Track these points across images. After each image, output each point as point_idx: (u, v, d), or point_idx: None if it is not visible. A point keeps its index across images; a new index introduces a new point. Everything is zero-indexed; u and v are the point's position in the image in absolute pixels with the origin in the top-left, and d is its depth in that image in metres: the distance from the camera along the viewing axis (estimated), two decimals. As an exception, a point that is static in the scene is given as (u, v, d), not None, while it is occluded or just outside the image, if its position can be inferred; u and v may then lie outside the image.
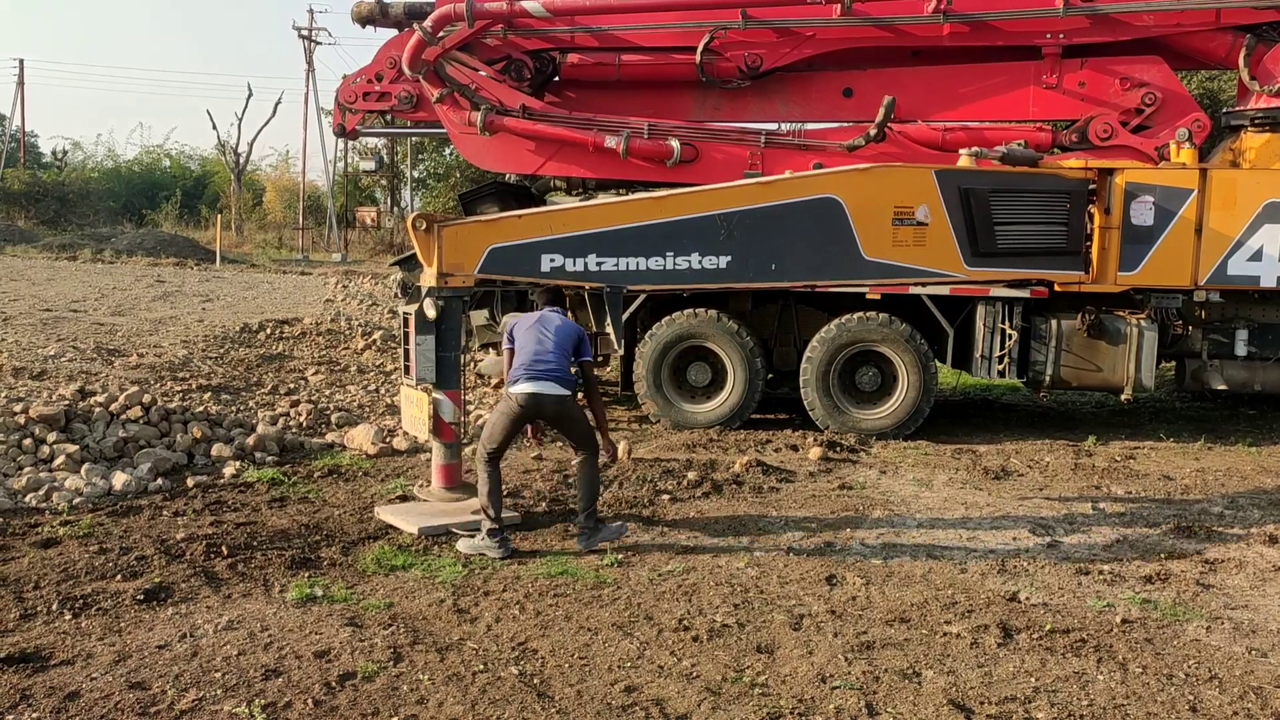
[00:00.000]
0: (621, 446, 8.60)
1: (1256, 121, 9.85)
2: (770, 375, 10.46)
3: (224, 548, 5.92)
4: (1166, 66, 10.04)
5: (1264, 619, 5.25)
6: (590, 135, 10.49)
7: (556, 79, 11.04)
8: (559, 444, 9.16)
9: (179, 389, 10.16)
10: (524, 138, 10.69)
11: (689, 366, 10.14)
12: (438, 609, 5.21)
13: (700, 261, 7.60)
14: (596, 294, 7.51)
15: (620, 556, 6.08)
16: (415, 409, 6.79)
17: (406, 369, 6.79)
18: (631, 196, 9.15)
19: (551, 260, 7.04)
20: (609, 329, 7.40)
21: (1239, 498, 7.60)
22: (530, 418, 6.40)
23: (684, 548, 6.31)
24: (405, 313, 6.78)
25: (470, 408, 10.28)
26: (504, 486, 6.45)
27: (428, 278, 6.72)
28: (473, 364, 12.14)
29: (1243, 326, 9.58)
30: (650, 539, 6.48)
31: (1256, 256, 8.98)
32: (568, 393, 6.31)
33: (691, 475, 7.85)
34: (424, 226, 6.64)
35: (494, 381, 11.60)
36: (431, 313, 6.56)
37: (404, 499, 7.16)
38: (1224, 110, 10.74)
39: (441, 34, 10.36)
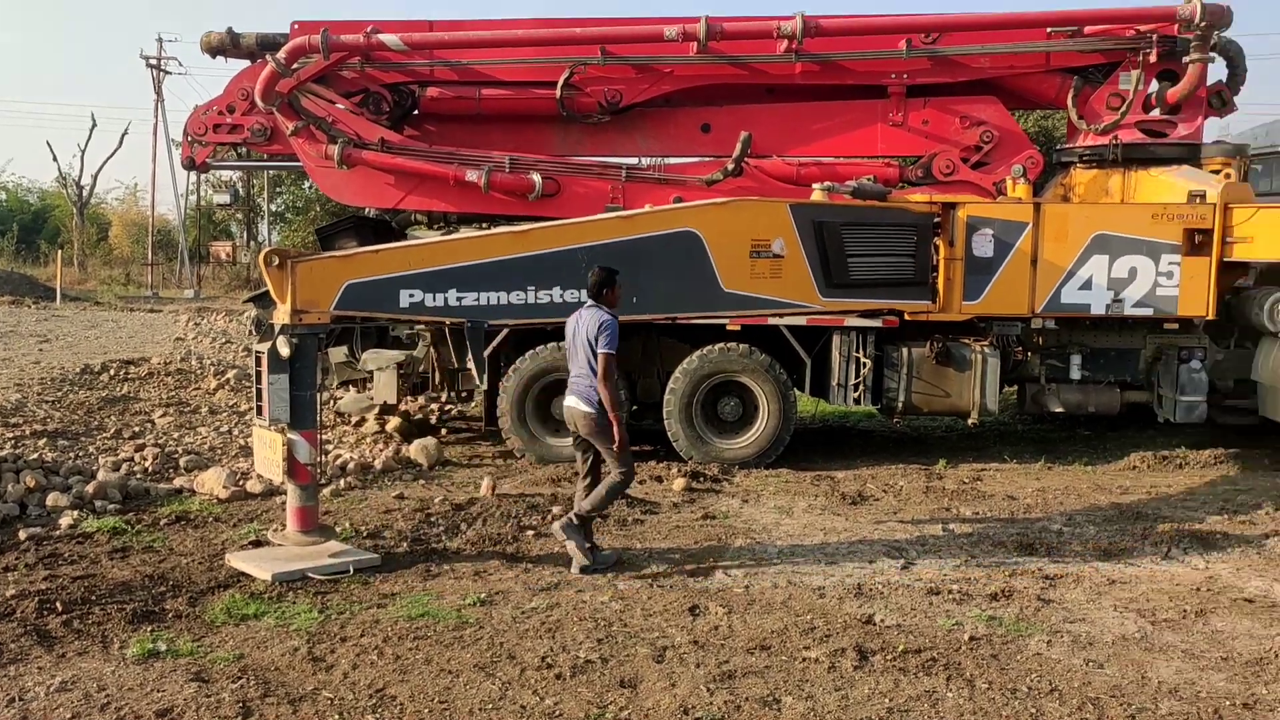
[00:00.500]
0: (485, 483, 8.54)
1: (1084, 158, 10.48)
2: (634, 407, 10.53)
3: (58, 603, 5.60)
4: (1002, 106, 10.59)
5: (1100, 631, 5.52)
6: (451, 169, 10.43)
7: (416, 112, 10.96)
8: (420, 482, 9.03)
9: (10, 435, 9.60)
10: (383, 171, 10.56)
11: (553, 400, 10.11)
12: (291, 658, 5.04)
13: (562, 295, 7.62)
14: (458, 329, 7.45)
15: (484, 595, 6.00)
16: (269, 450, 6.57)
17: (259, 409, 6.58)
18: (492, 231, 9.12)
19: (411, 296, 6.95)
20: (470, 364, 7.35)
21: (1076, 515, 7.99)
22: (573, 426, 6.77)
23: (548, 584, 6.27)
24: (258, 351, 6.58)
25: (329, 447, 10.03)
26: (365, 527, 6.32)
27: (281, 315, 6.54)
28: (332, 402, 11.86)
29: (1076, 352, 10.10)
30: (514, 576, 6.41)
31: (1087, 285, 9.50)
32: (593, 410, 6.55)
33: (556, 509, 7.81)
34: (277, 262, 6.46)
35: (354, 419, 11.35)
36: (285, 351, 6.38)
37: (258, 544, 6.91)
38: (1056, 148, 11.39)
39: (296, 65, 10.17)
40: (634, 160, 11.08)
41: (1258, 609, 5.88)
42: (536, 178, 10.41)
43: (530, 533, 7.34)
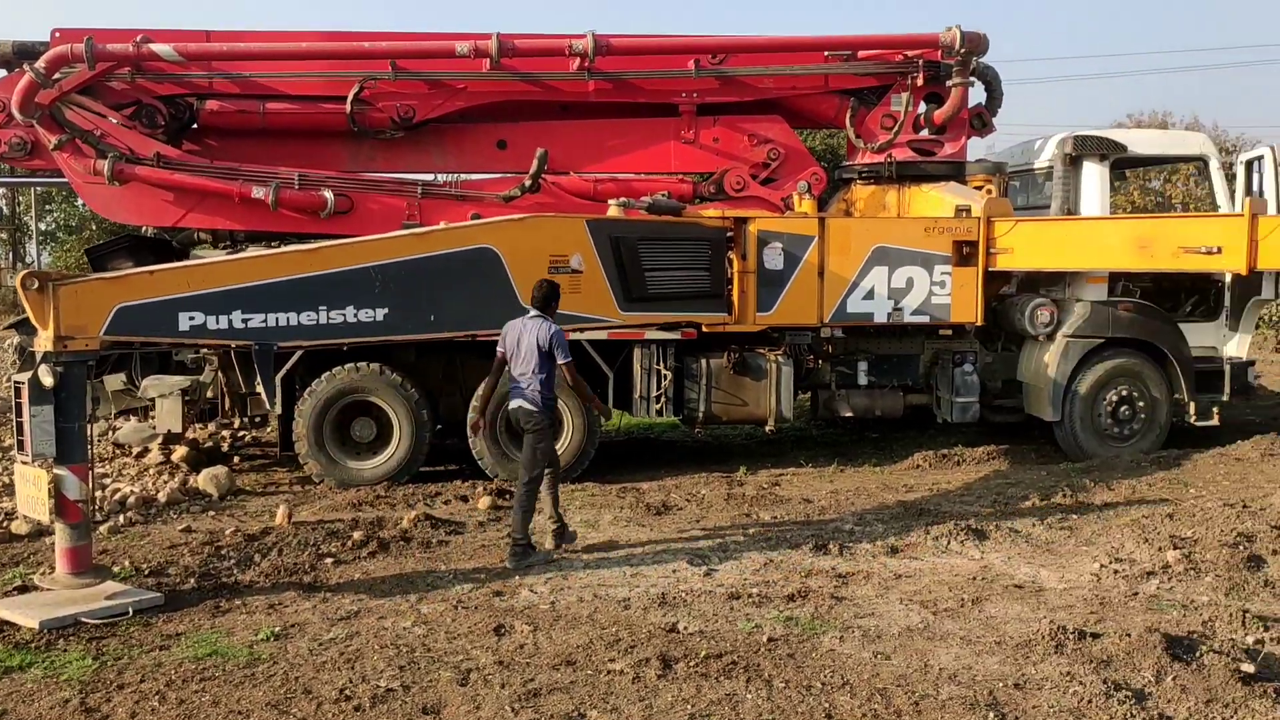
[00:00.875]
0: (281, 511, 8.20)
1: (863, 175, 11.06)
2: (438, 426, 10.37)
3: None
4: (787, 125, 11.04)
5: (888, 624, 5.81)
6: (235, 185, 9.99)
7: (195, 126, 10.44)
8: (210, 513, 8.59)
9: None
10: (160, 188, 10.00)
11: (353, 422, 9.83)
12: (61, 711, 4.68)
13: (356, 315, 7.44)
14: (246, 352, 7.13)
15: (278, 629, 5.75)
16: (33, 488, 6.10)
17: (20, 444, 6.09)
18: (279, 249, 8.78)
19: (191, 319, 6.62)
20: (260, 389, 7.06)
21: (866, 514, 8.39)
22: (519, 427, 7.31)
23: (348, 612, 6.07)
24: (18, 381, 6.10)
25: (107, 481, 9.41)
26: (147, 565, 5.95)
27: (43, 342, 6.08)
28: (110, 433, 11.12)
29: (863, 359, 10.64)
30: (311, 606, 6.17)
31: (869, 295, 10.03)
32: (536, 409, 7.14)
33: (357, 535, 7.58)
34: (36, 285, 6.01)
35: (136, 450, 10.67)
36: (48, 380, 5.94)
37: (24, 589, 6.39)
38: (839, 165, 11.97)
39: (58, 76, 9.51)
40: (430, 177, 10.90)
41: (1026, 594, 6.33)
42: (328, 194, 10.10)
43: (329, 560, 7.10)
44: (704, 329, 9.97)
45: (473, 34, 10.12)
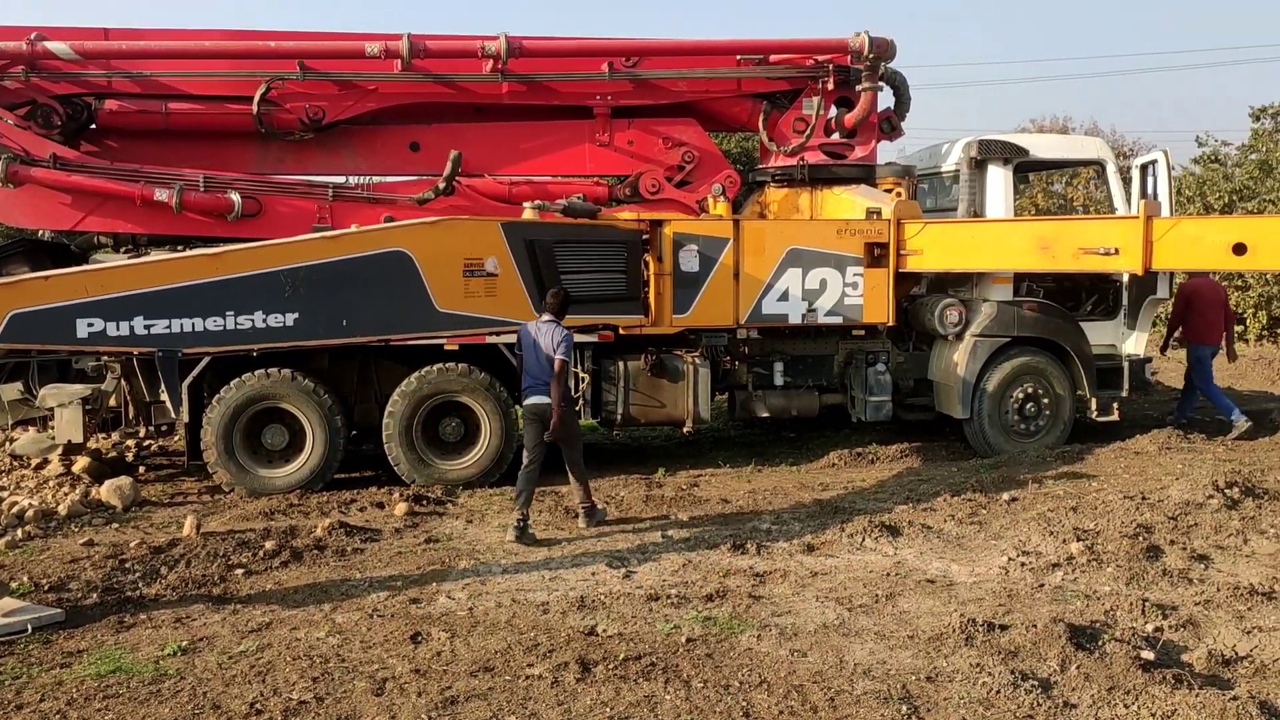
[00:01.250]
0: (189, 522, 7.99)
1: (776, 178, 11.20)
2: (353, 432, 10.20)
3: None
4: (700, 128, 11.11)
5: (804, 622, 5.88)
6: (137, 188, 9.70)
7: (94, 126, 10.12)
8: (114, 526, 8.33)
9: None
10: (57, 190, 9.67)
11: (264, 429, 9.61)
12: (-46, 736, 4.49)
13: (265, 320, 7.32)
14: (149, 359, 6.93)
15: (185, 643, 5.60)
16: (-78, 504, 5.83)
17: (-93, 458, 5.83)
18: (183, 253, 8.56)
19: (90, 325, 6.45)
20: (164, 396, 6.87)
21: (784, 513, 8.49)
22: (532, 420, 7.89)
23: (259, 624, 5.94)
24: (-98, 393, 5.84)
25: (4, 494, 9.06)
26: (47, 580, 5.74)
27: (-70, 351, 5.84)
28: (6, 444, 10.70)
29: (779, 359, 10.75)
30: (220, 619, 6.02)
31: (784, 297, 10.14)
32: (563, 404, 7.74)
33: (269, 545, 7.42)
34: (-77, 293, 5.76)
35: (34, 462, 10.29)
36: (-62, 391, 5.69)
37: (-87, 610, 6.10)
38: (753, 168, 12.09)
39: (-53, 74, 9.13)
40: (342, 179, 10.73)
41: (938, 588, 6.46)
42: (235, 197, 9.86)
43: (240, 571, 6.93)
44: (621, 331, 9.97)
45: (383, 34, 10.00)
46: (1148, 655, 5.15)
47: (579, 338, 9.95)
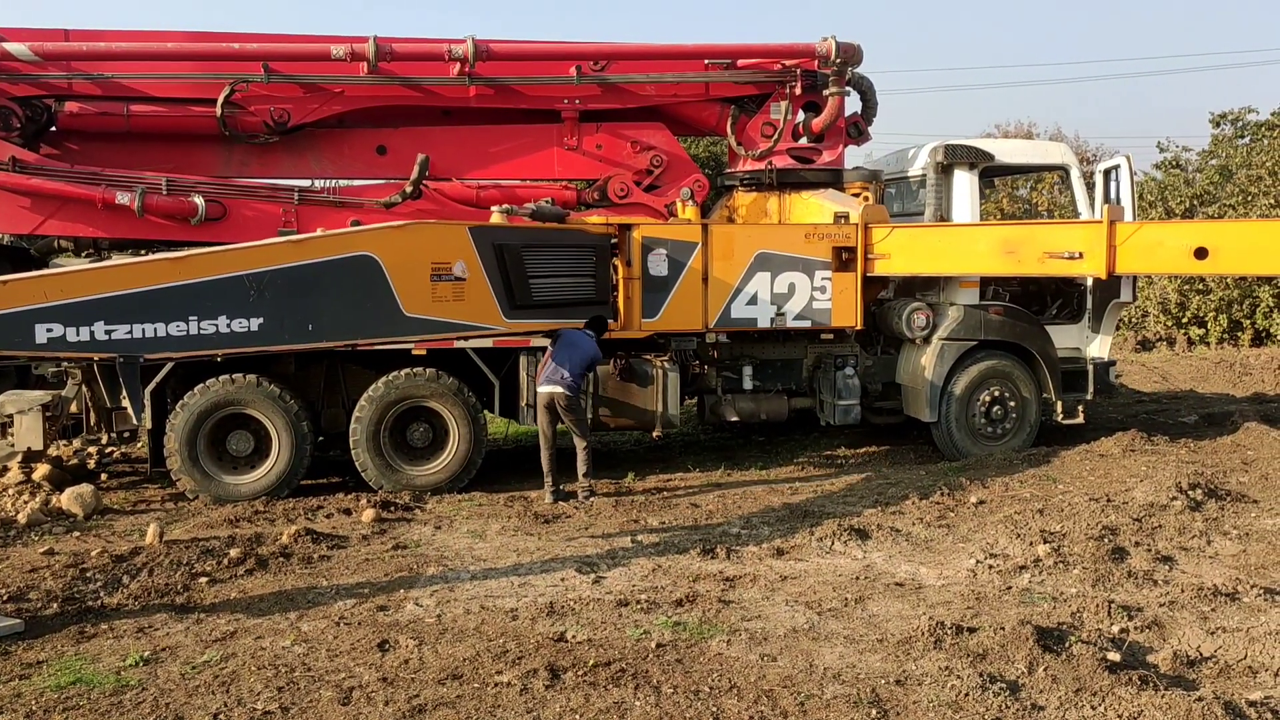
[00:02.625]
0: (152, 530, 7.88)
1: (745, 182, 11.21)
2: (320, 438, 10.11)
3: None
4: (669, 132, 11.10)
5: (774, 626, 5.88)
6: (99, 191, 9.57)
7: (55, 129, 9.97)
8: (75, 534, 8.20)
9: None
10: (16, 194, 9.53)
11: (229, 436, 9.51)
12: (-92, 751, 4.39)
13: (229, 325, 7.20)
14: (110, 365, 6.81)
15: (148, 653, 5.51)
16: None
17: None
18: (145, 257, 8.45)
19: (49, 330, 6.31)
20: (126, 402, 6.76)
21: (753, 517, 8.49)
22: (546, 407, 9.10)
23: (224, 633, 5.86)
24: None
25: (-39, 504, 8.89)
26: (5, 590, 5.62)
27: (-117, 357, 5.71)
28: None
29: (748, 363, 10.77)
30: (183, 629, 5.94)
31: (753, 301, 10.16)
32: (569, 393, 9.00)
33: (234, 552, 7.33)
34: (-124, 298, 5.64)
35: (-4, 468, 10.10)
36: (-109, 398, 5.57)
37: None
38: (722, 172, 12.10)
39: (-98, 74, 8.96)
40: (307, 183, 10.62)
41: (906, 591, 6.48)
42: (199, 200, 9.76)
43: (204, 580, 6.84)
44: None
45: (349, 37, 9.92)
46: (1114, 657, 5.18)
47: (547, 342, 9.93)
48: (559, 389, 9.03)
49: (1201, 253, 8.82)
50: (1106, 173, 11.09)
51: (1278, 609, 5.98)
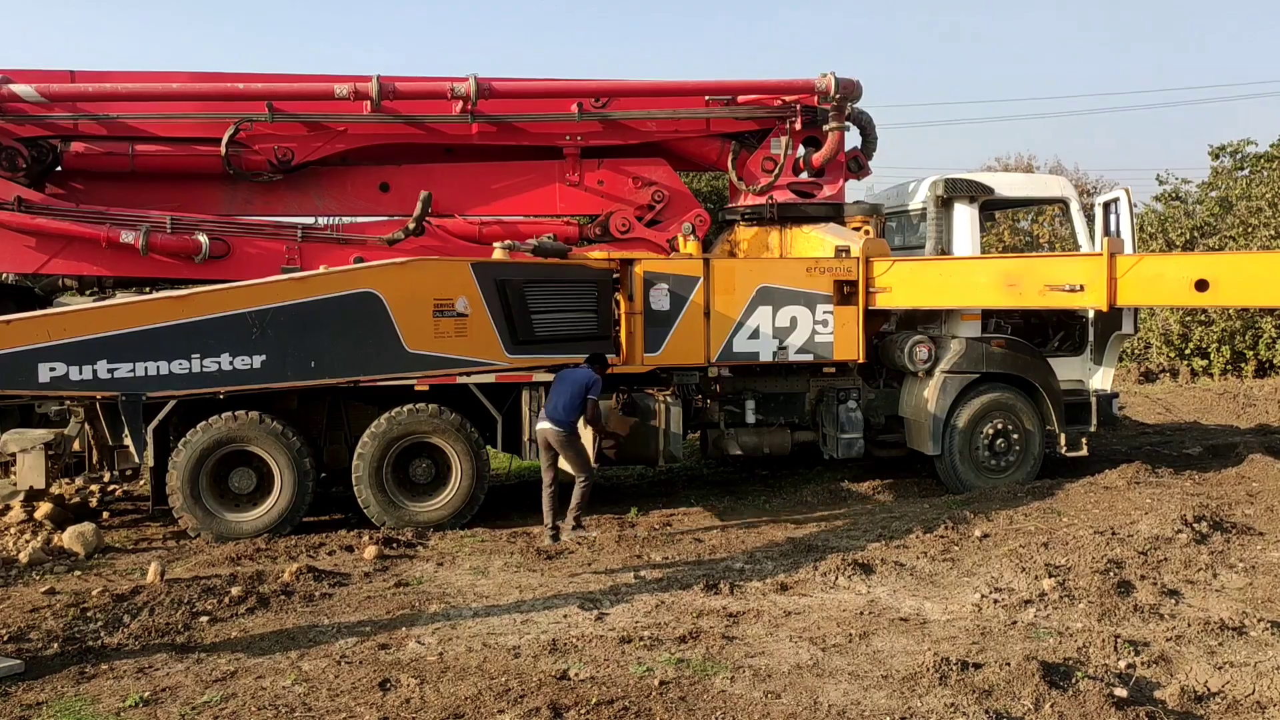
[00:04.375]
0: (153, 568, 7.84)
1: (746, 217, 11.27)
2: (323, 474, 10.09)
3: None
4: (670, 168, 11.20)
5: (778, 662, 5.84)
6: (103, 230, 9.64)
7: (60, 169, 10.05)
8: (77, 573, 8.17)
9: None
10: (22, 233, 9.60)
11: (231, 473, 9.48)
12: (-95, 795, 4.35)
13: (232, 362, 7.26)
14: (112, 403, 6.83)
15: (148, 694, 5.47)
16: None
17: None
18: (148, 296, 8.48)
19: (52, 369, 6.36)
20: (128, 441, 6.77)
21: (757, 552, 8.45)
22: (544, 445, 8.99)
23: (224, 673, 5.82)
24: None
25: (-38, 543, 8.86)
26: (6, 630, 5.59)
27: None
28: (-34, 491, 10.49)
29: (750, 397, 10.77)
30: (184, 668, 5.90)
31: (755, 335, 10.18)
32: (560, 429, 8.74)
33: (235, 591, 7.29)
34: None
35: (-2, 507, 10.08)
36: (-106, 438, 5.58)
37: None
38: (723, 207, 12.17)
39: (-90, 116, 9.06)
40: (311, 220, 10.70)
41: (911, 627, 6.44)
42: (203, 238, 9.82)
43: (205, 619, 6.80)
44: (593, 371, 9.94)
45: (352, 76, 10.03)
46: (1120, 693, 5.14)
47: (550, 377, 9.94)
48: (550, 426, 8.89)
49: (1202, 284, 8.84)
50: (1106, 205, 11.13)
51: (1286, 643, 5.93)
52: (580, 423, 9.02)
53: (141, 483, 10.76)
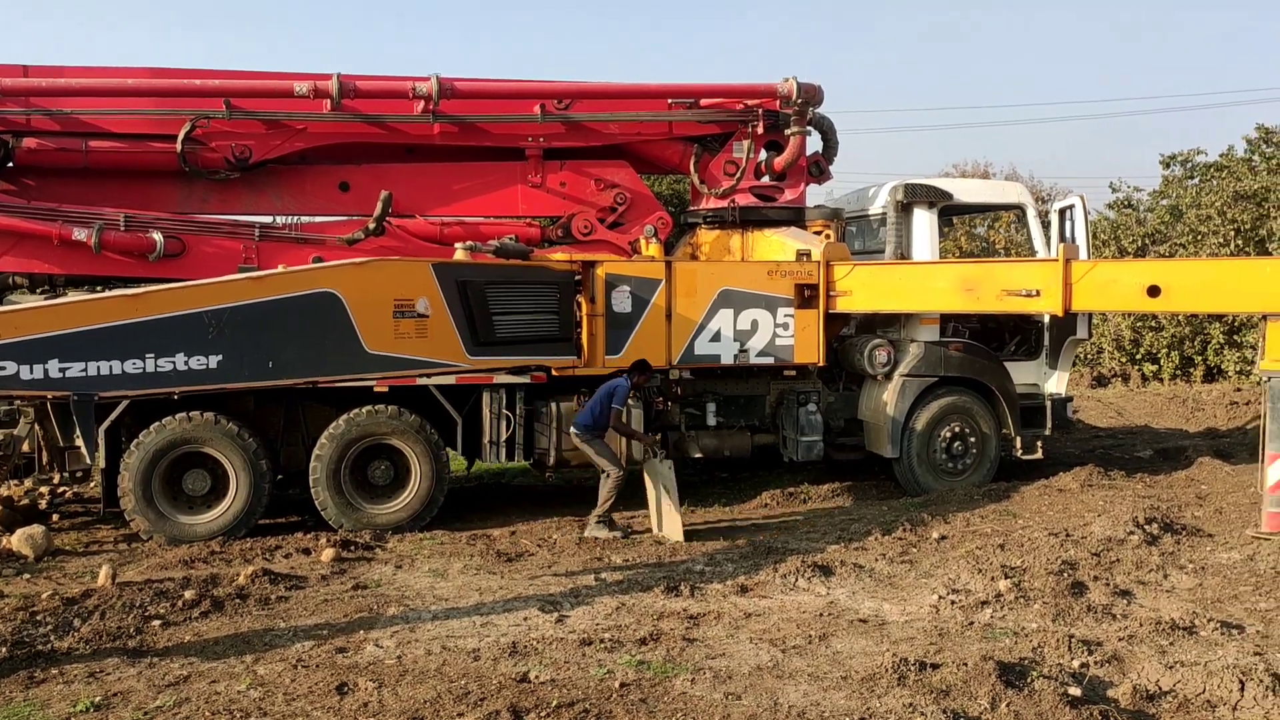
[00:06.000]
0: (104, 571, 7.71)
1: (708, 220, 11.31)
2: (279, 476, 9.97)
3: None
4: (633, 170, 11.20)
5: (738, 664, 5.85)
6: (55, 227, 9.47)
7: (11, 164, 9.85)
8: (25, 576, 8.01)
9: None
10: (-29, 230, 9.39)
11: (185, 475, 9.34)
12: None
13: (187, 362, 7.16)
14: (63, 403, 6.71)
15: (99, 699, 5.37)
16: None
17: None
18: (100, 294, 8.33)
19: (1, 369, 6.20)
20: (80, 441, 6.65)
21: (717, 554, 8.47)
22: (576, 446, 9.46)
23: (177, 677, 5.73)
24: None
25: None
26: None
27: None
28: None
29: (711, 400, 10.79)
30: (136, 673, 5.80)
31: (716, 338, 10.21)
32: (580, 433, 9.21)
33: (189, 594, 7.18)
34: None
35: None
36: None
37: None
38: (685, 210, 12.20)
39: None
40: (269, 219, 10.57)
41: (870, 628, 6.49)
42: (158, 236, 9.67)
43: (157, 623, 6.69)
44: (554, 372, 9.93)
45: (312, 74, 9.93)
46: (1075, 692, 5.21)
47: (511, 379, 9.91)
48: (571, 430, 9.35)
49: (1154, 291, 8.99)
50: (1061, 212, 11.29)
51: (1234, 642, 6.05)
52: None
53: (93, 484, 10.57)
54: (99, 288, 9.84)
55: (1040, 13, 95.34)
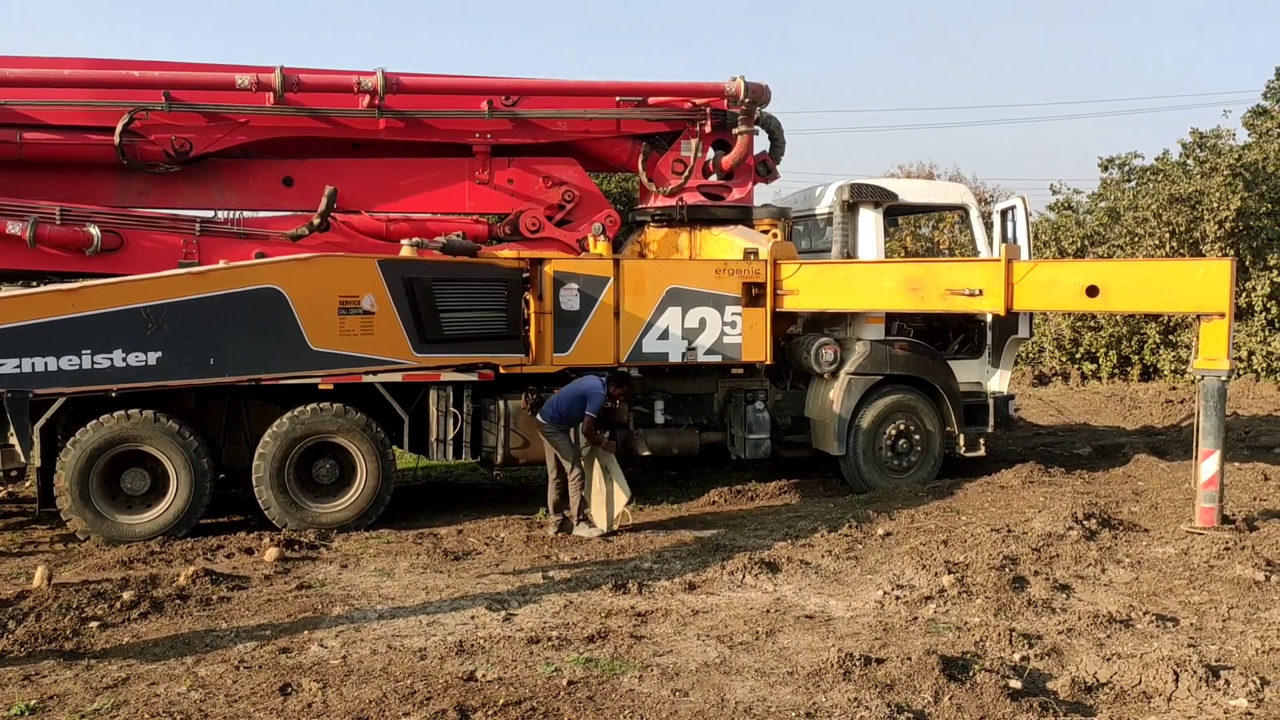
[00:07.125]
0: (40, 572, 7.54)
1: (656, 218, 11.32)
2: (221, 475, 9.82)
3: None
4: (580, 168, 11.15)
5: (686, 661, 5.87)
6: (-13, 220, 9.20)
7: (-58, 156, 9.58)
8: (-45, 579, 7.81)
9: None
10: (-101, 222, 9.10)
11: (124, 474, 9.16)
12: None
13: (125, 359, 7.01)
14: (-3, 401, 6.54)
15: (34, 703, 5.25)
16: None
17: None
18: (34, 289, 8.14)
19: (-68, 365, 6.03)
20: (14, 439, 6.49)
21: (664, 551, 8.49)
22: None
23: (115, 680, 5.62)
24: None
25: None
26: None
27: None
28: None
29: (659, 398, 10.80)
30: (73, 675, 5.68)
31: (664, 335, 10.22)
32: (548, 425, 9.23)
33: (127, 595, 7.05)
34: None
35: None
36: None
37: None
38: (633, 208, 12.19)
39: None
40: (210, 214, 10.38)
41: (816, 624, 6.54)
42: (94, 230, 9.45)
43: (95, 624, 6.56)
44: (501, 370, 9.87)
45: (255, 66, 9.77)
46: (1015, 684, 5.30)
47: (458, 377, 9.84)
48: (538, 416, 9.34)
49: (1093, 291, 9.16)
50: (1004, 213, 11.46)
51: (1169, 635, 6.20)
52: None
53: (27, 483, 10.34)
54: (34, 283, 9.61)
55: (982, 15, 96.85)
